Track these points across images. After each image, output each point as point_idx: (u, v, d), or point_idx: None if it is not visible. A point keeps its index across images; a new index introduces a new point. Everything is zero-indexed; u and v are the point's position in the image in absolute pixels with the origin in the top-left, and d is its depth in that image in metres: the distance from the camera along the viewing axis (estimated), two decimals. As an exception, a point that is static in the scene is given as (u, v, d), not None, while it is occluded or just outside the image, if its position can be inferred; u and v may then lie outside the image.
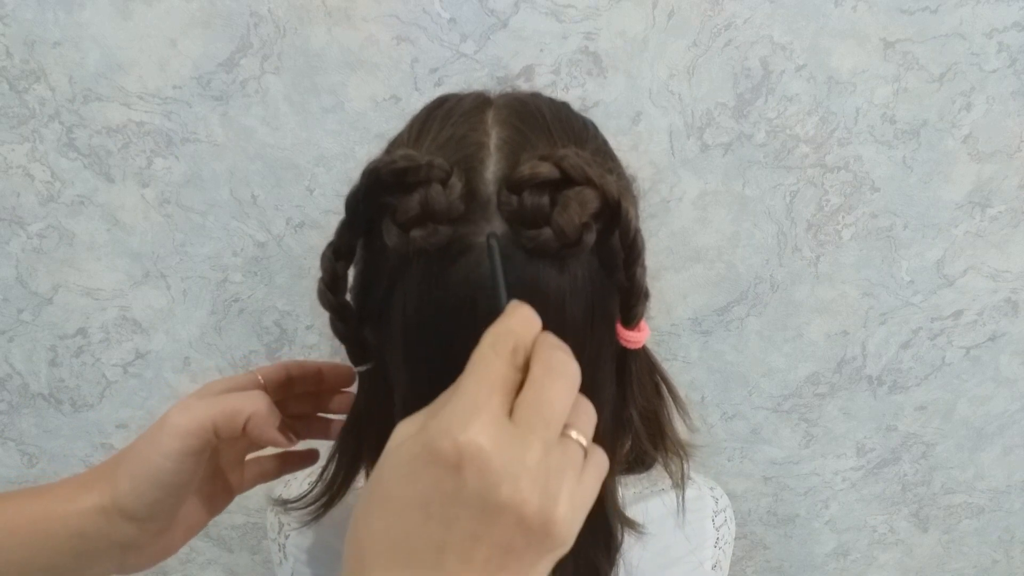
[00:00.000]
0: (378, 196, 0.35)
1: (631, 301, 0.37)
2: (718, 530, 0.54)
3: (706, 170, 0.81)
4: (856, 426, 1.01)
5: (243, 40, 0.72)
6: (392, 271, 0.36)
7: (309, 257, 0.83)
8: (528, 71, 0.75)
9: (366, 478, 0.44)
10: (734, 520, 0.57)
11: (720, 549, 0.54)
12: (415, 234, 0.34)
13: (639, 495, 0.50)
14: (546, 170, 0.34)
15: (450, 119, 0.38)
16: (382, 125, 0.76)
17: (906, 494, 1.08)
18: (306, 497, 0.46)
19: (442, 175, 0.34)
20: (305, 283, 0.85)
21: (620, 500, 0.45)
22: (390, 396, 0.39)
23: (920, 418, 1.01)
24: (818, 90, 0.78)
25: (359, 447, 0.44)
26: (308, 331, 0.88)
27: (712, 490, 0.56)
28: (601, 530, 0.42)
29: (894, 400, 0.99)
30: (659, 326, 0.90)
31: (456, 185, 0.34)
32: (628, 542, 0.44)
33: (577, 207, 0.34)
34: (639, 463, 0.47)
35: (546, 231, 0.34)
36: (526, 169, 0.34)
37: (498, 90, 0.42)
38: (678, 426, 0.47)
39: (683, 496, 0.51)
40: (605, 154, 0.41)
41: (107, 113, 0.75)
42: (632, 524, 0.45)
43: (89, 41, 0.72)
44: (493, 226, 0.35)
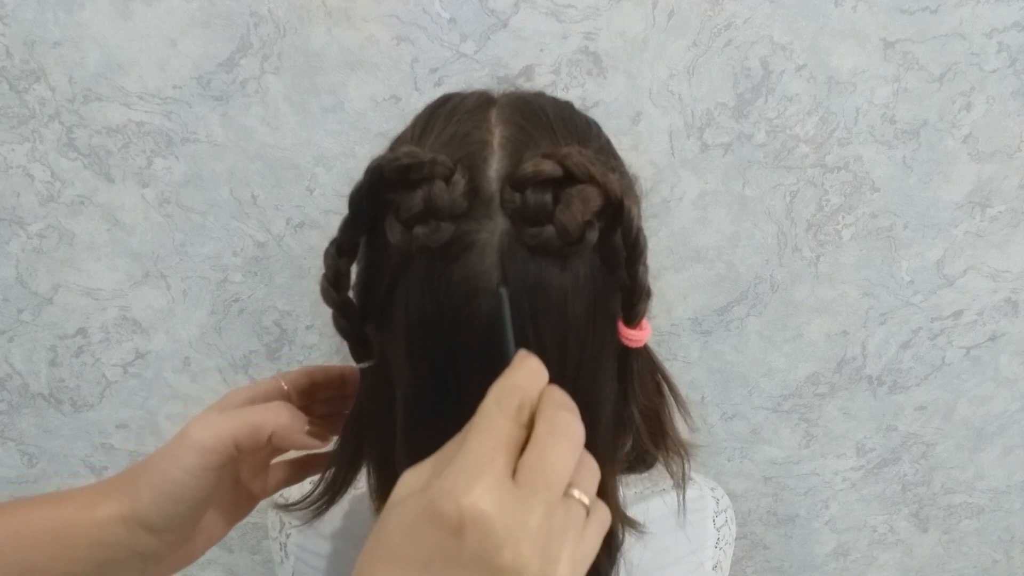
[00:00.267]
0: (381, 193, 0.35)
1: (633, 300, 0.37)
2: (719, 530, 0.54)
3: (706, 170, 0.81)
4: (856, 426, 1.01)
5: (243, 40, 0.72)
6: (395, 268, 0.36)
7: (309, 257, 0.83)
8: (528, 71, 0.75)
9: (367, 477, 0.44)
10: (735, 520, 0.57)
11: (721, 549, 0.54)
12: (418, 231, 0.34)
13: (640, 495, 0.50)
14: (549, 168, 0.34)
15: (454, 117, 0.39)
16: (382, 125, 0.76)
17: (906, 494, 1.08)
18: (309, 498, 0.46)
19: (445, 172, 0.34)
20: (305, 283, 0.85)
21: (621, 500, 0.45)
22: (392, 394, 0.39)
23: (920, 418, 1.01)
24: (818, 90, 0.78)
25: (360, 446, 0.44)
26: (308, 331, 0.88)
27: (713, 490, 0.56)
28: None
29: (894, 400, 0.99)
30: (659, 326, 0.91)
31: (459, 182, 0.34)
32: (629, 541, 0.44)
33: (580, 205, 0.34)
34: (640, 462, 0.47)
35: (548, 229, 0.34)
36: (529, 167, 0.34)
37: (501, 89, 0.42)
38: (679, 425, 0.47)
39: (684, 496, 0.51)
40: (608, 153, 0.41)
41: (107, 113, 0.75)
42: (633, 524, 0.45)
43: (89, 41, 0.72)
44: (496, 224, 0.35)
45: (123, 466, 0.97)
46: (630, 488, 0.50)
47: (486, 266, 0.35)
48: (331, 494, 0.45)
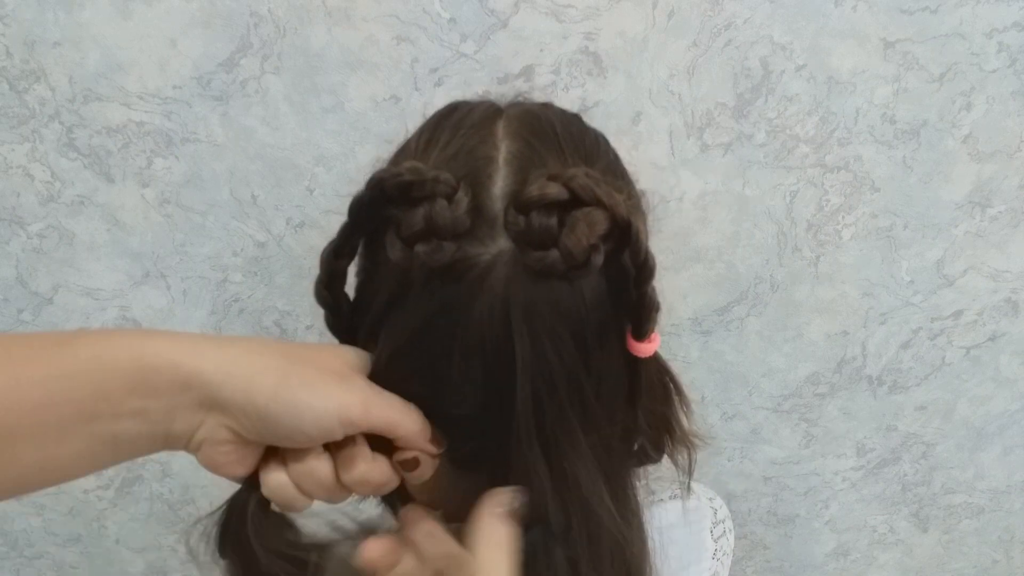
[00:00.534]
0: (382, 208, 0.35)
1: (642, 317, 0.37)
2: (716, 541, 0.54)
3: (706, 170, 0.81)
4: (856, 426, 1.01)
5: (243, 40, 0.72)
6: (393, 285, 0.36)
7: (309, 257, 0.83)
8: (528, 71, 0.75)
9: None
10: (733, 531, 0.57)
11: (718, 560, 0.54)
12: (419, 249, 0.33)
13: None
14: (555, 191, 0.33)
15: (460, 130, 0.38)
16: (382, 125, 0.76)
17: (906, 494, 1.08)
18: None
19: (448, 190, 0.34)
20: (305, 283, 0.84)
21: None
22: None
23: (920, 418, 1.01)
24: (818, 90, 0.78)
25: None
26: (308, 331, 0.88)
27: (711, 501, 0.56)
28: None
29: (894, 400, 0.99)
30: (659, 326, 0.90)
31: (462, 200, 0.34)
32: None
33: (585, 228, 0.33)
34: (640, 465, 0.47)
35: (553, 253, 0.33)
36: (534, 189, 0.34)
37: (509, 99, 0.42)
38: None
39: (687, 491, 0.50)
40: (615, 171, 0.41)
41: (107, 113, 0.75)
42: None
43: (89, 41, 0.72)
44: (499, 245, 0.34)
45: (122, 467, 0.97)
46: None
47: (488, 289, 0.34)
48: None
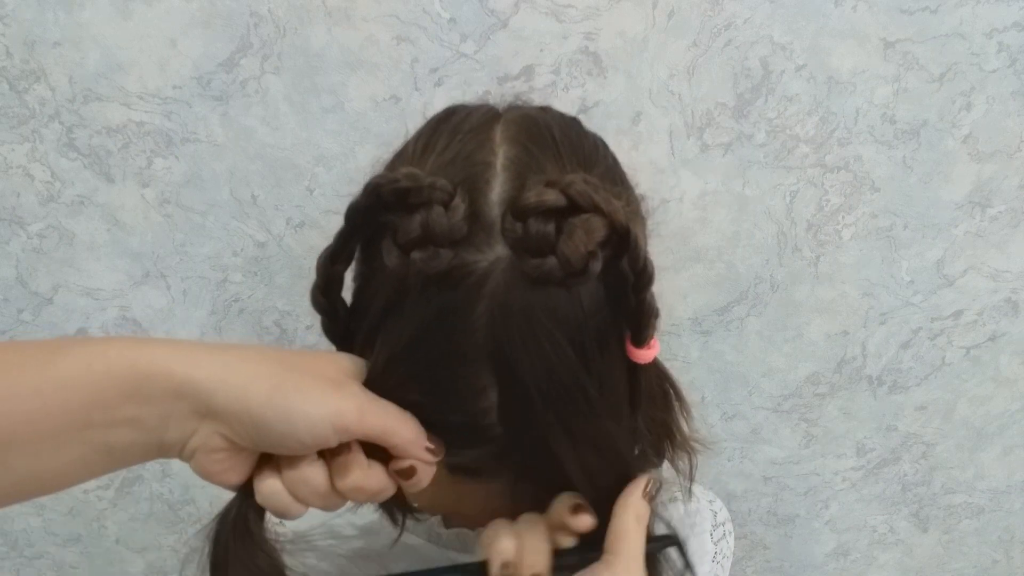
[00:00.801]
0: (379, 214, 0.35)
1: (641, 323, 0.37)
2: (716, 544, 0.54)
3: (706, 170, 0.81)
4: (856, 426, 1.01)
5: (243, 40, 0.72)
6: (390, 292, 0.36)
7: (309, 257, 0.83)
8: (528, 71, 0.75)
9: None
10: (733, 533, 0.57)
11: (718, 563, 0.54)
12: (415, 256, 0.33)
13: None
14: (552, 198, 0.33)
15: (457, 135, 0.38)
16: (382, 125, 0.76)
17: (906, 494, 1.08)
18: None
19: (444, 197, 0.33)
20: (305, 283, 0.84)
21: None
22: None
23: (920, 418, 1.01)
24: (818, 90, 0.78)
25: None
26: (308, 331, 0.88)
27: (711, 503, 0.56)
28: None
29: (894, 400, 0.99)
30: (659, 329, 0.90)
31: (459, 207, 0.33)
32: None
33: (583, 235, 0.33)
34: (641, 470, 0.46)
35: (550, 260, 0.33)
36: (532, 196, 0.33)
37: (507, 103, 0.42)
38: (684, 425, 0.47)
39: (688, 495, 0.50)
40: (614, 176, 0.40)
41: (107, 113, 0.75)
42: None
43: (89, 41, 0.72)
44: (496, 251, 0.34)
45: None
46: None
47: (485, 296, 0.34)
48: None
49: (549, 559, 0.38)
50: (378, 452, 0.36)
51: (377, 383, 0.36)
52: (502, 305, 0.34)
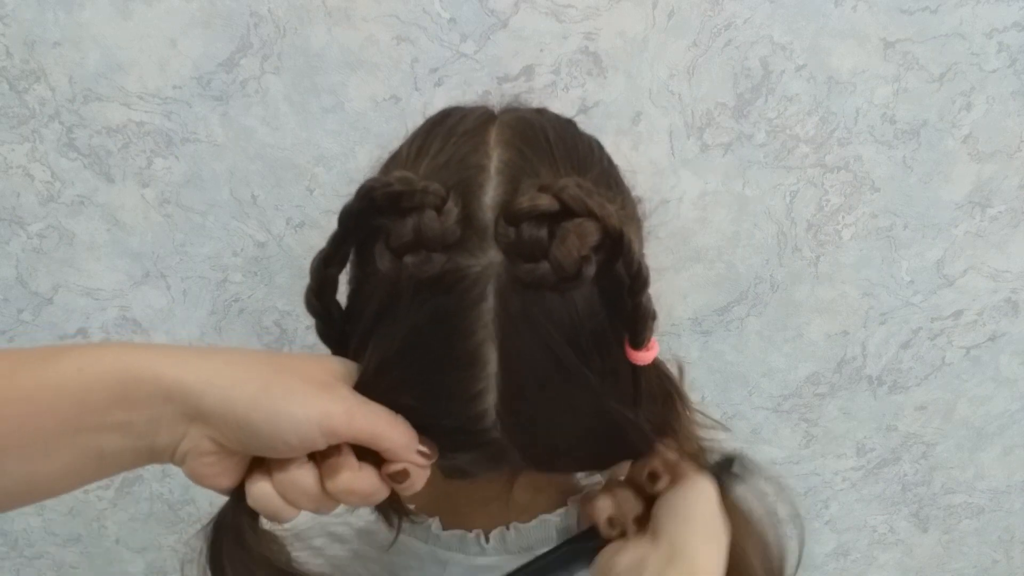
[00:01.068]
0: (372, 218, 0.35)
1: (638, 327, 0.37)
2: None
3: (706, 170, 0.81)
4: (856, 426, 1.01)
5: (243, 40, 0.72)
6: (383, 296, 0.36)
7: (309, 257, 0.82)
8: (528, 71, 0.75)
9: None
10: None
11: None
12: (408, 260, 0.33)
13: None
14: (545, 202, 0.33)
15: (451, 137, 0.38)
16: (382, 125, 0.76)
17: (906, 494, 1.08)
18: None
19: (437, 201, 0.33)
20: (305, 283, 0.85)
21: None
22: None
23: (920, 418, 1.01)
24: (818, 90, 0.78)
25: None
26: (308, 331, 0.88)
27: None
28: None
29: (894, 400, 0.99)
30: (659, 326, 0.90)
31: (452, 211, 0.33)
32: None
33: (576, 240, 0.33)
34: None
35: (543, 265, 0.33)
36: (525, 201, 0.33)
37: (503, 105, 0.42)
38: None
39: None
40: (609, 179, 0.40)
41: (107, 113, 0.75)
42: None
43: (89, 41, 0.72)
44: (490, 256, 0.34)
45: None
46: None
47: (478, 300, 0.34)
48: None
49: (642, 505, 0.41)
50: (372, 456, 0.36)
51: (370, 387, 0.36)
52: (494, 310, 0.34)
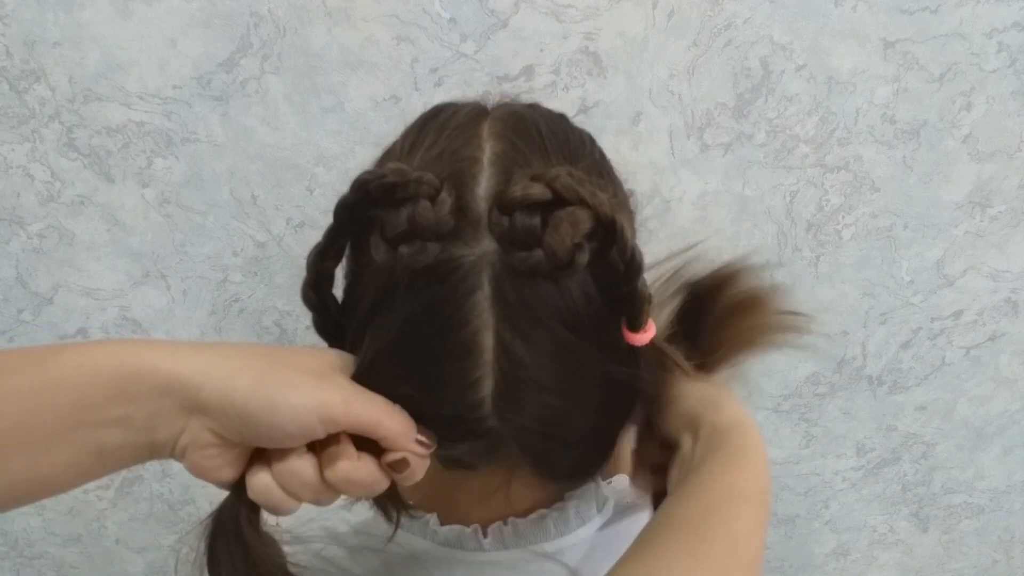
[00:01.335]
0: (366, 209, 0.35)
1: (634, 311, 0.37)
2: None
3: (706, 170, 0.81)
4: (856, 426, 1.01)
5: (243, 40, 0.72)
6: (378, 286, 0.36)
7: (309, 257, 0.83)
8: (528, 71, 0.75)
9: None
10: None
11: None
12: (403, 250, 0.33)
13: (635, 505, 0.50)
14: (538, 191, 0.34)
15: (444, 131, 0.38)
16: (382, 125, 0.76)
17: (906, 494, 1.08)
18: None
19: (431, 191, 0.34)
20: (305, 283, 0.85)
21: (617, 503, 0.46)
22: None
23: (920, 418, 1.01)
24: (818, 90, 0.78)
25: None
26: (308, 331, 0.88)
27: None
28: None
29: (894, 400, 0.99)
30: (655, 316, 0.90)
31: (446, 201, 0.34)
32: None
33: (569, 228, 0.33)
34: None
35: (537, 253, 0.34)
36: (517, 190, 0.34)
37: (496, 100, 0.42)
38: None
39: None
40: (600, 169, 0.41)
41: (107, 113, 0.75)
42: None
43: (89, 41, 0.72)
44: (484, 245, 0.34)
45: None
46: (624, 498, 0.49)
47: (473, 289, 0.34)
48: None
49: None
50: (371, 446, 0.36)
51: (367, 377, 0.36)
52: (489, 299, 0.34)
